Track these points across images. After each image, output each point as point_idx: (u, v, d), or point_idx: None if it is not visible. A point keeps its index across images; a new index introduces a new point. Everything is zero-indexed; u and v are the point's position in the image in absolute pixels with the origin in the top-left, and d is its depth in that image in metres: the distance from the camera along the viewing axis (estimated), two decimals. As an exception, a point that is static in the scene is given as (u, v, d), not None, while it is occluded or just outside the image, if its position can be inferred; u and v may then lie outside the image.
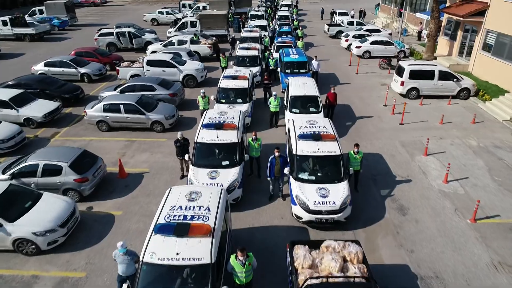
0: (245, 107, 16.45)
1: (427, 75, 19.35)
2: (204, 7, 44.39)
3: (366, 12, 42.89)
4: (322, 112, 15.76)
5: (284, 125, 16.37)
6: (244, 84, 17.25)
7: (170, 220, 7.90)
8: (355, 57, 27.10)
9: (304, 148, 11.36)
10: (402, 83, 19.55)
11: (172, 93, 18.30)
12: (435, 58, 25.96)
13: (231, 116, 13.21)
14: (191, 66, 21.92)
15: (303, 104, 16.04)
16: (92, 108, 16.42)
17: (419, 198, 11.98)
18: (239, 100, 16.83)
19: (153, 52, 26.63)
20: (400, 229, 10.62)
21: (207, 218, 7.93)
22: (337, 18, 41.36)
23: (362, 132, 16.37)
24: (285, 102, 17.36)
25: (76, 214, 10.56)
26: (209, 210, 8.18)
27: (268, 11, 43.86)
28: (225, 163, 11.77)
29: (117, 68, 21.91)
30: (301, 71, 20.96)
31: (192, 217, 7.96)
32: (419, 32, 33.36)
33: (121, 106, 16.06)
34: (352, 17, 41.33)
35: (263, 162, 12.83)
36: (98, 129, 16.57)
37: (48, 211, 10.03)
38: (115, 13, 55.05)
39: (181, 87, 19.20)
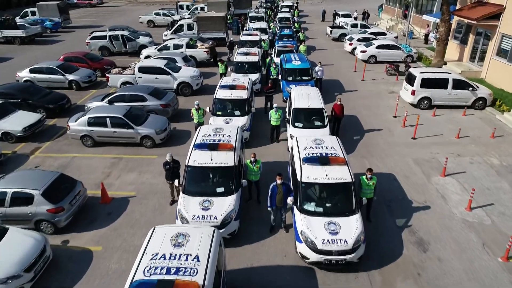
0: (243, 120, 15.03)
1: (440, 83, 17.91)
2: (202, 9, 42.96)
3: (369, 14, 41.44)
4: (328, 126, 14.34)
5: (286, 140, 14.96)
6: (242, 94, 15.82)
7: (151, 274, 6.59)
8: (360, 62, 25.68)
9: (310, 174, 9.93)
10: (413, 92, 18.11)
11: (165, 104, 16.86)
12: (445, 63, 24.53)
13: (227, 134, 11.85)
14: (186, 73, 20.49)
15: (307, 117, 14.63)
16: (75, 121, 14.99)
17: (440, 229, 10.54)
18: (237, 113, 15.40)
19: (147, 57, 25.21)
20: (421, 270, 9.19)
21: (195, 272, 6.65)
22: (339, 20, 39.93)
23: (372, 147, 14.95)
24: (286, 114, 15.95)
25: (46, 253, 9.12)
26: (198, 260, 6.90)
27: (268, 13, 42.43)
28: (220, 190, 10.36)
29: (107, 75, 20.46)
30: (304, 78, 19.54)
31: (178, 270, 6.67)
32: (426, 35, 31.96)
33: (108, 120, 14.64)
34: (355, 19, 39.94)
35: (263, 187, 11.42)
36: (83, 144, 15.15)
37: (12, 252, 8.60)
38: (112, 14, 53.61)
39: (174, 97, 17.75)
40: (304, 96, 15.30)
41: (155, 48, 25.77)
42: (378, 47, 26.07)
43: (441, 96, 18.07)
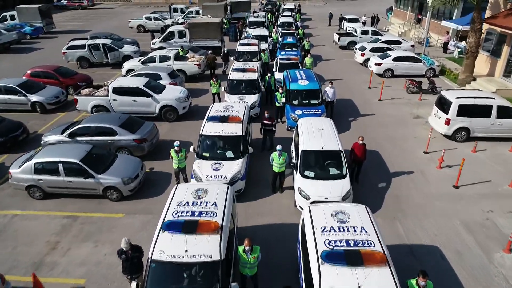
0: (236, 166, 11.59)
1: (482, 111, 14.49)
2: (197, 12, 39.58)
3: (379, 18, 37.96)
4: (347, 175, 10.93)
5: (292, 188, 11.57)
6: (236, 129, 12.31)
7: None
8: (375, 77, 22.25)
9: (336, 283, 6.50)
10: (448, 122, 14.69)
11: (139, 139, 13.45)
12: (474, 79, 21.13)
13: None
14: (171, 94, 17.04)
15: (321, 163, 11.24)
16: (19, 167, 11.57)
17: None
18: (229, 154, 11.94)
19: (129, 70, 21.82)
20: None
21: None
22: (346, 25, 36.52)
23: (403, 202, 11.51)
24: (292, 155, 12.54)
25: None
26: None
27: (269, 17, 38.97)
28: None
29: (75, 97, 17.01)
30: (313, 102, 16.13)
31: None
32: (445, 43, 28.48)
33: (60, 166, 11.23)
34: (364, 23, 36.52)
35: (262, 282, 8.04)
36: (30, 196, 11.76)
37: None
38: (102, 17, 50.18)
39: (152, 128, 14.31)
40: (316, 133, 11.89)
41: (138, 61, 22.32)
42: (396, 59, 22.64)
43: (483, 126, 14.66)
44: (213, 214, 7.75)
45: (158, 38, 28.43)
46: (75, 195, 11.67)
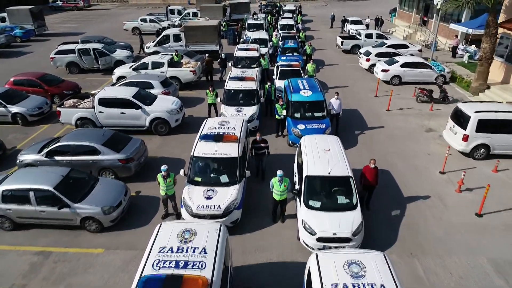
0: (231, 193, 10.24)
1: (504, 126, 13.15)
2: (194, 14, 38.24)
3: (383, 21, 36.56)
4: (358, 206, 9.58)
5: (295, 216, 10.25)
6: (232, 151, 10.97)
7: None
8: (382, 84, 20.89)
9: None
10: (466, 138, 13.33)
11: (125, 159, 12.10)
12: (488, 87, 19.78)
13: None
14: (163, 106, 15.67)
15: (328, 190, 9.90)
16: (-15, 195, 10.23)
17: None
18: (223, 179, 10.58)
19: (121, 77, 20.49)
20: None
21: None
22: (349, 28, 35.18)
23: (421, 234, 10.14)
24: (295, 179, 11.19)
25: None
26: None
27: (269, 19, 37.60)
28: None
29: (58, 109, 15.66)
30: (317, 115, 14.79)
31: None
32: (454, 47, 27.09)
33: (31, 194, 9.89)
34: (367, 26, 35.17)
35: None
36: (-1, 227, 10.43)
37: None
38: (98, 19, 48.84)
39: (140, 146, 12.94)
40: (321, 155, 10.54)
41: (130, 67, 20.96)
42: (404, 65, 21.27)
43: (505, 143, 13.31)
44: (202, 265, 6.59)
45: (153, 41, 27.08)
46: (49, 225, 10.32)
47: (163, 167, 10.18)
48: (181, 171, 10.75)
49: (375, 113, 17.87)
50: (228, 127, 11.99)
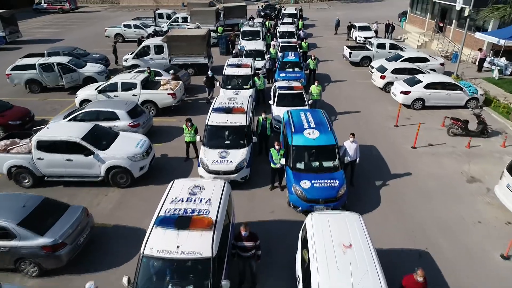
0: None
1: None
2: (185, 19, 34.48)
3: (394, 26, 32.76)
4: None
5: None
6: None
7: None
8: (403, 110, 17.12)
9: None
10: (535, 204, 9.60)
11: (50, 245, 8.25)
12: (534, 114, 16.06)
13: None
14: (123, 149, 11.83)
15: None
16: None
17: None
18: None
19: (84, 101, 16.76)
20: None
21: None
22: (356, 34, 31.41)
23: None
24: (298, 279, 7.47)
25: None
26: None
27: (267, 24, 33.80)
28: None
29: (-15, 155, 11.90)
30: (326, 165, 11.02)
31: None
32: (482, 60, 23.29)
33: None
34: (376, 32, 31.41)
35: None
36: None
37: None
38: (83, 23, 44.98)
39: (80, 217, 9.12)
40: (339, 258, 6.81)
41: (95, 89, 17.15)
42: (428, 85, 17.51)
43: None
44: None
45: (131, 53, 23.31)
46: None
47: (89, 285, 6.40)
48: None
49: (398, 151, 14.12)
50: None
